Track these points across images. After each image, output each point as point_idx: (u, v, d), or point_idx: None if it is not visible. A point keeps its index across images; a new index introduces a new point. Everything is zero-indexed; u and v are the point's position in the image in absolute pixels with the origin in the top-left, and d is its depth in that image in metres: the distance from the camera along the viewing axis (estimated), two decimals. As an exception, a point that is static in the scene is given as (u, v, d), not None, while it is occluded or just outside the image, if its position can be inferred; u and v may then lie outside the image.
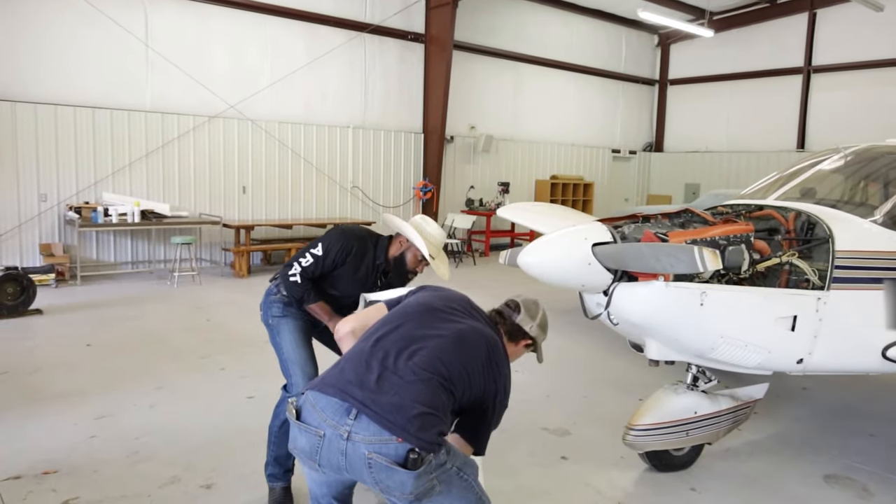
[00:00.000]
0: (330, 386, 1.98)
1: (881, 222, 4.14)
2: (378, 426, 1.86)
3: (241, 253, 10.65)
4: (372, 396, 1.91)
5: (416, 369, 2.05)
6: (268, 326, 3.63)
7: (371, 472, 1.84)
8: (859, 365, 4.07)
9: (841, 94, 15.20)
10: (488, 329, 2.57)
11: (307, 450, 1.96)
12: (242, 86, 11.30)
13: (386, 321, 2.35)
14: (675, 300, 3.46)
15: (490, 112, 15.10)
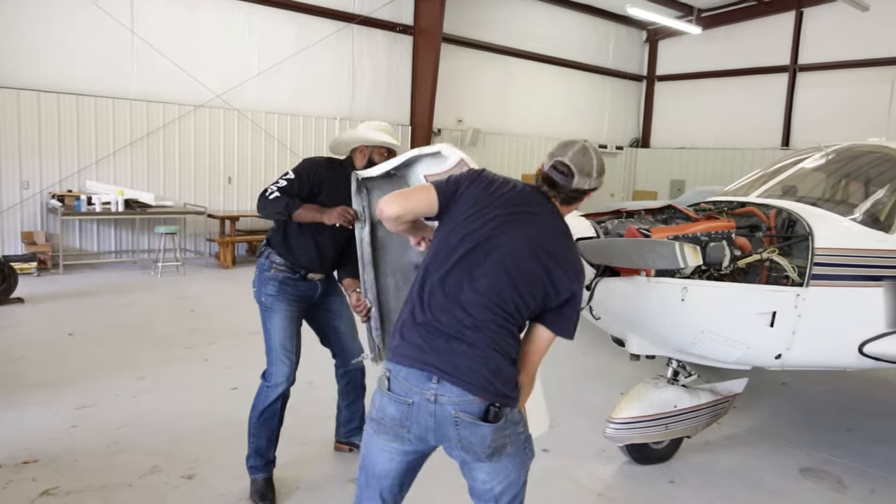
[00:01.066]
0: (405, 357, 2.06)
1: (860, 220, 4.20)
2: (460, 389, 2.00)
3: (225, 243, 10.60)
4: (447, 360, 2.02)
5: (480, 319, 2.05)
6: (260, 304, 3.51)
7: (457, 430, 2.01)
8: (836, 361, 4.13)
9: (826, 92, 15.36)
10: (544, 224, 2.18)
11: (397, 417, 2.05)
12: (229, 75, 11.22)
13: (436, 260, 2.15)
14: (657, 295, 3.51)
15: (478, 105, 15.09)
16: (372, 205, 2.95)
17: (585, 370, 5.98)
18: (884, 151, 4.65)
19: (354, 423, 4.04)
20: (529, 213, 2.16)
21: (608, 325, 3.82)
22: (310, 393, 4.64)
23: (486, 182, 2.20)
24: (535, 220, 2.16)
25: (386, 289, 3.06)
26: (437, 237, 2.21)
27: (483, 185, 2.18)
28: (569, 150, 2.21)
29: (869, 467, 4.20)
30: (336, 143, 3.56)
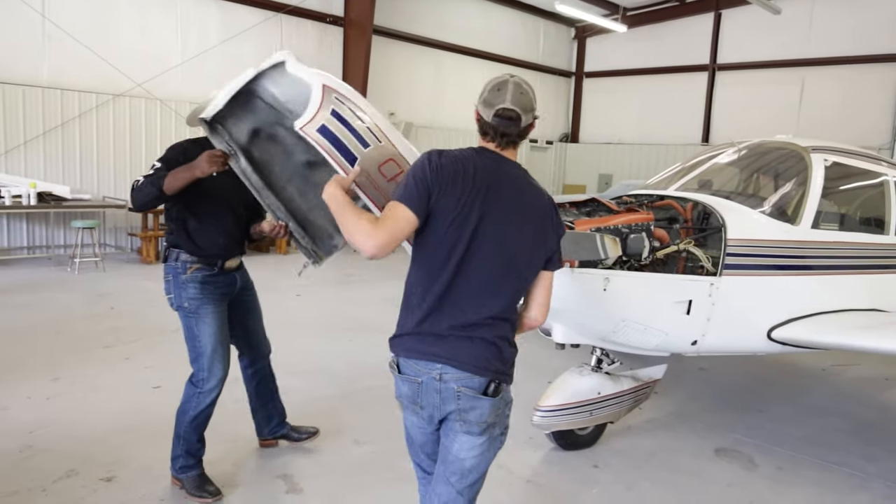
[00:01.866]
0: (414, 351, 2.18)
1: (769, 213, 4.45)
2: (462, 371, 2.14)
3: (148, 238, 10.23)
4: (450, 352, 2.14)
5: (485, 318, 2.16)
6: (182, 311, 3.32)
7: (458, 402, 2.15)
8: (747, 346, 4.37)
9: (742, 90, 16.10)
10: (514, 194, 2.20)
11: (410, 394, 2.23)
12: (151, 63, 10.80)
13: (431, 271, 2.15)
14: (581, 286, 3.61)
15: (410, 99, 15.08)
16: (233, 135, 2.83)
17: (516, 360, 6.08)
18: (791, 148, 4.92)
19: (275, 419, 4.01)
20: (499, 190, 2.16)
21: (534, 315, 3.90)
22: (238, 387, 4.54)
23: (451, 179, 2.10)
24: (506, 197, 2.17)
25: (291, 199, 3.02)
26: (422, 244, 2.17)
27: (452, 186, 2.10)
28: (506, 92, 2.18)
29: (777, 446, 4.46)
30: (191, 118, 3.06)
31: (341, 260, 3.71)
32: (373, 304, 8.19)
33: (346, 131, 2.39)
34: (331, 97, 2.41)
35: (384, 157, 2.45)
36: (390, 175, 2.45)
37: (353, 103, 2.44)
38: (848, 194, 5.50)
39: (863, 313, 4.66)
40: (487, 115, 2.19)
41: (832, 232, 4.84)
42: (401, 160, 2.48)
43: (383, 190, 2.43)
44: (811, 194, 4.54)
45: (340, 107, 2.40)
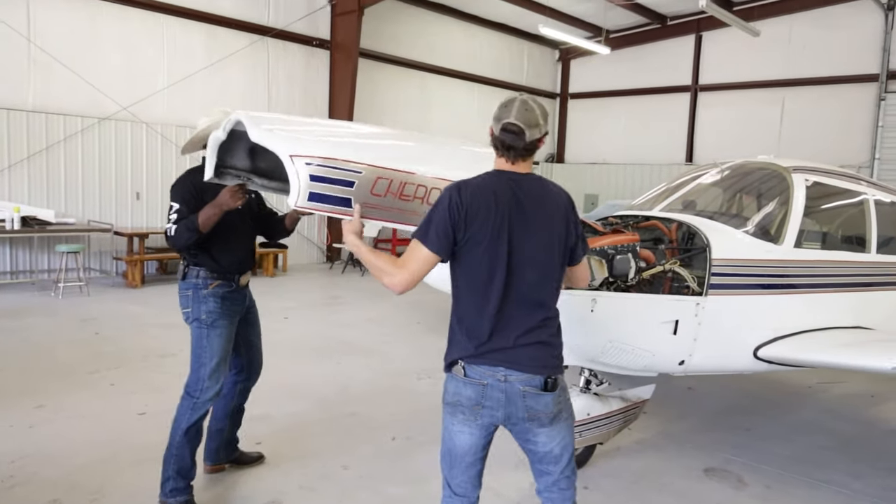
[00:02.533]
0: (477, 357, 2.37)
1: (752, 232, 4.51)
2: (525, 374, 2.36)
3: (134, 262, 10.16)
4: (512, 360, 2.35)
5: (533, 326, 2.38)
6: (197, 322, 3.47)
7: (524, 401, 2.37)
8: (734, 365, 4.39)
9: (724, 111, 16.35)
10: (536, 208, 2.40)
11: (473, 397, 2.38)
12: (136, 87, 10.82)
13: (473, 294, 2.37)
14: (567, 307, 3.60)
15: (396, 121, 15.15)
16: (237, 166, 3.02)
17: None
18: (772, 168, 5.00)
19: (233, 442, 4.05)
20: (518, 208, 2.35)
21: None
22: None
23: (475, 213, 2.29)
24: (524, 210, 2.36)
25: None
26: (463, 273, 2.38)
27: (476, 217, 2.29)
28: (511, 108, 2.39)
29: (765, 465, 4.48)
30: (189, 146, 3.45)
31: (327, 283, 3.72)
32: (359, 326, 8.17)
33: (329, 185, 2.52)
34: (301, 163, 2.50)
35: (370, 182, 2.56)
36: (383, 191, 2.59)
37: (320, 157, 2.51)
38: (829, 213, 5.58)
39: (846, 331, 4.71)
40: (496, 130, 2.39)
41: (814, 251, 4.91)
42: (384, 173, 2.60)
43: (387, 206, 2.61)
44: (793, 214, 4.60)
45: (313, 168, 2.50)
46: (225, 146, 2.92)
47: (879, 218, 5.20)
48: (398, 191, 2.63)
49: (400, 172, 2.66)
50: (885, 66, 14.02)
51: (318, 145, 2.57)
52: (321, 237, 13.82)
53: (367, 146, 2.72)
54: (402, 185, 2.64)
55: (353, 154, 2.59)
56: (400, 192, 2.64)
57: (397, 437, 4.66)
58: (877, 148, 14.19)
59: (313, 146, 2.55)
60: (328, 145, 2.59)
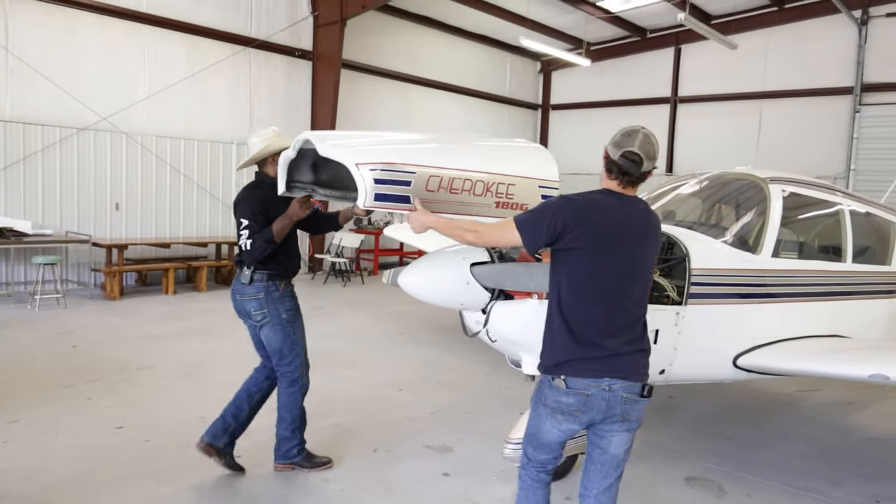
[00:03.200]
0: (585, 370, 2.55)
1: (731, 242, 4.56)
2: (627, 381, 2.56)
3: (112, 273, 10.03)
4: (612, 365, 2.55)
5: (633, 333, 2.61)
6: (280, 323, 3.95)
7: (624, 406, 2.57)
8: (714, 374, 4.43)
9: (703, 122, 16.55)
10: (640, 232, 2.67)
11: (574, 404, 2.58)
12: (116, 97, 10.71)
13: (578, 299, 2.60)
14: (547, 317, 3.63)
15: (380, 131, 15.15)
16: (303, 180, 3.52)
17: (486, 392, 6.07)
18: (750, 179, 5.06)
19: (238, 434, 4.19)
20: (629, 229, 2.62)
21: (504, 347, 3.91)
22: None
23: (584, 223, 2.55)
24: (633, 231, 2.63)
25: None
26: (565, 274, 2.61)
27: (586, 229, 2.54)
28: (634, 139, 2.61)
29: (746, 473, 4.50)
30: (244, 164, 4.12)
31: (309, 293, 3.72)
32: (340, 336, 8.12)
33: (390, 186, 2.93)
34: (366, 170, 2.92)
35: (424, 180, 3.00)
36: (436, 187, 3.03)
37: (381, 163, 2.93)
38: (806, 223, 5.67)
39: (824, 339, 4.76)
40: (615, 155, 2.62)
41: (791, 260, 4.97)
42: (435, 171, 3.04)
43: (440, 199, 3.04)
44: (770, 224, 4.66)
45: (376, 173, 2.91)
46: (292, 163, 3.42)
47: (854, 228, 5.29)
48: (448, 186, 3.06)
49: (448, 170, 3.06)
50: (859, 78, 14.29)
51: (377, 153, 2.96)
52: (302, 247, 13.74)
53: (418, 150, 3.13)
54: (451, 180, 3.06)
55: (408, 158, 2.99)
56: (449, 186, 3.07)
57: (378, 449, 4.63)
58: (852, 159, 14.43)
59: (374, 154, 2.95)
60: (386, 152, 2.98)
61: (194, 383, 5.99)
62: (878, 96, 14.18)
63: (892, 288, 5.54)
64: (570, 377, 2.55)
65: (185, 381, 6.02)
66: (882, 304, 5.46)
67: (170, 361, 6.63)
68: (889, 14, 13.93)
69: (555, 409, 2.61)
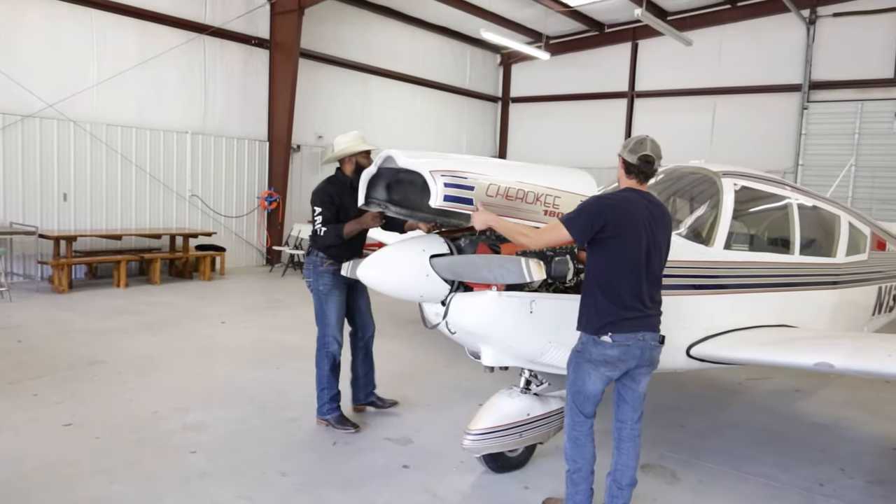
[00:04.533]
0: (626, 328, 3.26)
1: (685, 235, 4.65)
2: (654, 332, 3.36)
3: (60, 266, 9.72)
4: (646, 324, 3.32)
5: (656, 299, 3.41)
6: (316, 293, 4.76)
7: (651, 353, 3.34)
8: (669, 363, 4.48)
9: (659, 117, 16.83)
10: (658, 215, 3.38)
11: (617, 355, 3.27)
12: (63, 84, 10.35)
13: (619, 274, 3.27)
14: (507, 308, 3.65)
15: (338, 122, 14.98)
16: (377, 196, 4.04)
17: (445, 384, 6.09)
18: (703, 173, 5.17)
19: (370, 387, 5.21)
20: (650, 217, 3.31)
21: (463, 339, 3.92)
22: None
23: (623, 215, 3.22)
24: (653, 218, 3.32)
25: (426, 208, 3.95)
26: (615, 260, 3.25)
27: (625, 219, 3.22)
28: (646, 145, 3.35)
29: (698, 460, 4.62)
30: (328, 160, 5.01)
31: (267, 286, 3.68)
32: (298, 329, 8.04)
33: (457, 190, 3.46)
34: (437, 176, 3.45)
35: (484, 187, 3.53)
36: (494, 193, 3.54)
37: (451, 171, 3.48)
38: (756, 217, 5.82)
39: (773, 329, 4.90)
40: (632, 159, 3.34)
41: (743, 252, 5.10)
42: (494, 180, 3.56)
43: (497, 203, 3.54)
44: (723, 217, 4.77)
45: (447, 178, 3.45)
46: (371, 181, 3.94)
47: (802, 221, 5.45)
48: (504, 193, 3.57)
49: (505, 180, 3.59)
50: (807, 76, 14.73)
51: (448, 164, 3.53)
52: (260, 239, 13.54)
53: (482, 164, 3.75)
54: (507, 189, 3.57)
55: (473, 168, 3.58)
56: (506, 194, 3.58)
57: (338, 442, 4.61)
58: (800, 154, 14.88)
59: (445, 164, 3.52)
60: (454, 163, 3.56)
61: (146, 378, 5.85)
62: (825, 94, 14.65)
63: (837, 279, 5.74)
64: (615, 333, 3.23)
65: (138, 376, 5.88)
66: (827, 294, 5.64)
67: (121, 356, 6.46)
68: (836, 14, 14.38)
69: (599, 361, 3.28)
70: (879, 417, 5.81)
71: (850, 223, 6.11)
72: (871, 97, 14.03)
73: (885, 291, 6.65)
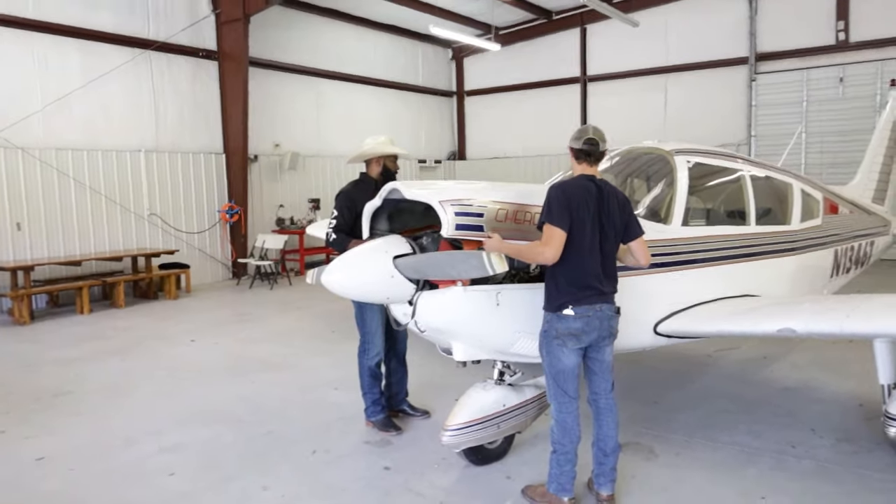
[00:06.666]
0: (582, 298, 3.50)
1: (643, 215, 4.72)
2: (609, 304, 3.61)
3: (19, 297, 9.46)
4: (601, 297, 3.56)
5: (610, 272, 3.63)
6: (357, 303, 4.70)
7: (609, 322, 3.59)
8: (636, 342, 4.59)
9: (613, 99, 16.99)
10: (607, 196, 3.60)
11: (579, 326, 3.50)
12: (7, 111, 10.05)
13: (579, 253, 3.50)
14: (474, 303, 3.69)
15: (293, 129, 14.88)
16: (380, 228, 4.15)
17: (421, 382, 6.09)
18: (657, 152, 5.26)
19: (402, 393, 5.25)
20: (601, 199, 3.54)
21: (434, 336, 3.94)
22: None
23: (578, 201, 3.47)
24: (604, 201, 3.56)
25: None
26: (573, 245, 3.47)
27: (580, 205, 3.47)
28: (588, 130, 3.62)
29: (673, 434, 4.72)
30: (352, 160, 5.00)
31: (235, 300, 3.63)
32: (270, 341, 7.98)
33: (468, 218, 3.62)
34: (447, 207, 3.59)
35: (493, 213, 3.71)
36: (504, 218, 3.75)
37: (459, 200, 3.64)
38: (711, 191, 5.94)
39: (735, 300, 5.01)
40: (578, 145, 3.61)
41: (700, 227, 5.20)
42: (502, 206, 3.77)
43: (507, 228, 3.73)
44: (678, 194, 4.86)
45: (456, 207, 3.60)
46: (375, 213, 4.06)
47: (756, 192, 5.58)
48: (513, 217, 3.78)
49: (512, 205, 3.79)
50: (752, 48, 15.00)
51: (456, 192, 3.69)
52: (224, 253, 13.36)
53: (488, 189, 3.89)
54: (515, 212, 3.79)
55: (481, 195, 3.76)
56: (514, 217, 3.79)
57: (317, 451, 4.58)
58: (752, 126, 15.17)
59: (453, 193, 3.67)
60: (462, 192, 3.72)
61: (117, 404, 5.74)
62: (772, 64, 14.94)
63: (794, 245, 5.89)
64: (575, 306, 3.47)
65: (107, 403, 5.77)
66: (786, 261, 5.79)
67: (89, 384, 6.33)
68: (775, -14, 14.68)
69: (566, 335, 3.49)
70: (844, 376, 5.99)
71: (803, 190, 6.27)
72: (815, 65, 14.35)
73: (841, 253, 6.85)
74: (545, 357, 3.59)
